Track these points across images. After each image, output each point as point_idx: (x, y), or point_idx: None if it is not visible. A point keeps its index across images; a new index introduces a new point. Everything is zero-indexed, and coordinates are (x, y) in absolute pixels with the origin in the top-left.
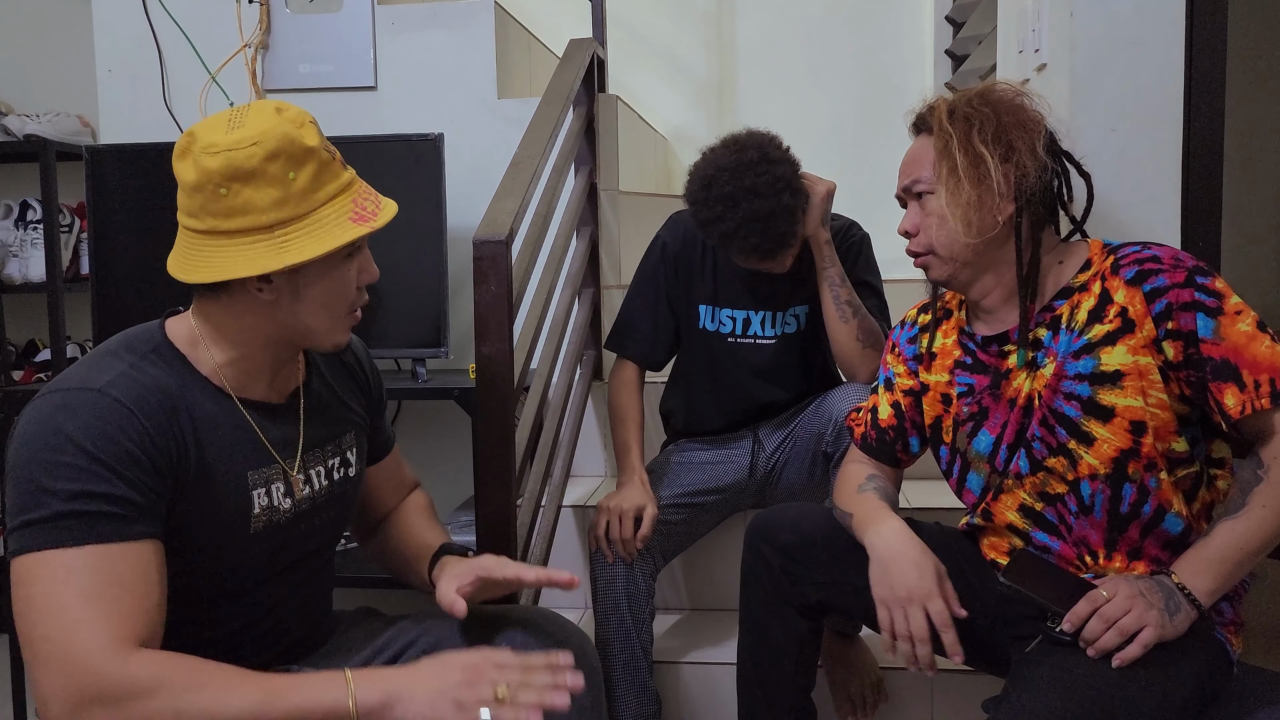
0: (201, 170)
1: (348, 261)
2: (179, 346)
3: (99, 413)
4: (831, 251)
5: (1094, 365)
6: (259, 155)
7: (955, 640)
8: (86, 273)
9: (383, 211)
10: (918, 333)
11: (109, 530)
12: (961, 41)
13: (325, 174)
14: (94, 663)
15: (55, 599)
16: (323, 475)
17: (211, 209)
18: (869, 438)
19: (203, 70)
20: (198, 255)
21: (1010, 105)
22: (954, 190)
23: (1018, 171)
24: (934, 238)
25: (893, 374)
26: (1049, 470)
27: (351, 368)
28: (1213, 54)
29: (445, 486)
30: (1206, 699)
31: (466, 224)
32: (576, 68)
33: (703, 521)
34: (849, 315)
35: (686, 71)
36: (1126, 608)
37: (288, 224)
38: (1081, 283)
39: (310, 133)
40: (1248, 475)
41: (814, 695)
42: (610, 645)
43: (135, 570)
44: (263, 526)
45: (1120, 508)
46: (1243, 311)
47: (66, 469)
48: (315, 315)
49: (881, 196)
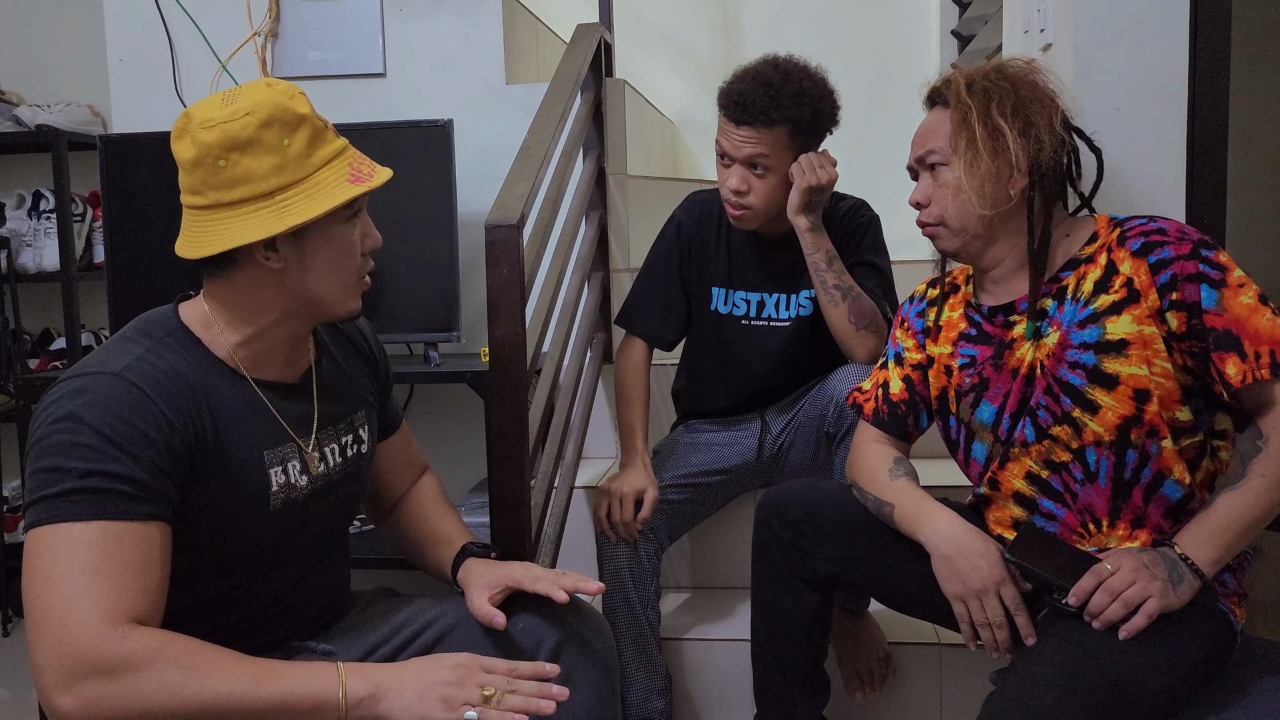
0: (199, 145)
1: (350, 225)
2: (193, 330)
3: (116, 396)
4: (814, 238)
5: (1099, 334)
6: (254, 124)
7: (1028, 621)
8: (99, 261)
9: (378, 173)
10: (925, 306)
11: (117, 507)
12: (967, 22)
13: (319, 140)
14: (89, 634)
15: (59, 570)
16: (336, 452)
17: (213, 182)
18: (881, 412)
19: (213, 59)
20: (203, 231)
21: (1027, 81)
22: (971, 162)
23: (1034, 146)
24: (946, 209)
25: (902, 348)
26: (1054, 438)
27: (359, 347)
28: (1217, 32)
29: (458, 469)
30: (1210, 669)
31: (476, 209)
32: (584, 53)
33: (707, 502)
34: (838, 299)
35: (693, 55)
36: (1130, 580)
37: (287, 189)
38: (1088, 255)
39: (301, 102)
40: (1247, 446)
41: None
42: (617, 623)
43: (138, 549)
44: (281, 504)
45: (1124, 474)
46: (1245, 284)
47: (81, 449)
48: (324, 282)
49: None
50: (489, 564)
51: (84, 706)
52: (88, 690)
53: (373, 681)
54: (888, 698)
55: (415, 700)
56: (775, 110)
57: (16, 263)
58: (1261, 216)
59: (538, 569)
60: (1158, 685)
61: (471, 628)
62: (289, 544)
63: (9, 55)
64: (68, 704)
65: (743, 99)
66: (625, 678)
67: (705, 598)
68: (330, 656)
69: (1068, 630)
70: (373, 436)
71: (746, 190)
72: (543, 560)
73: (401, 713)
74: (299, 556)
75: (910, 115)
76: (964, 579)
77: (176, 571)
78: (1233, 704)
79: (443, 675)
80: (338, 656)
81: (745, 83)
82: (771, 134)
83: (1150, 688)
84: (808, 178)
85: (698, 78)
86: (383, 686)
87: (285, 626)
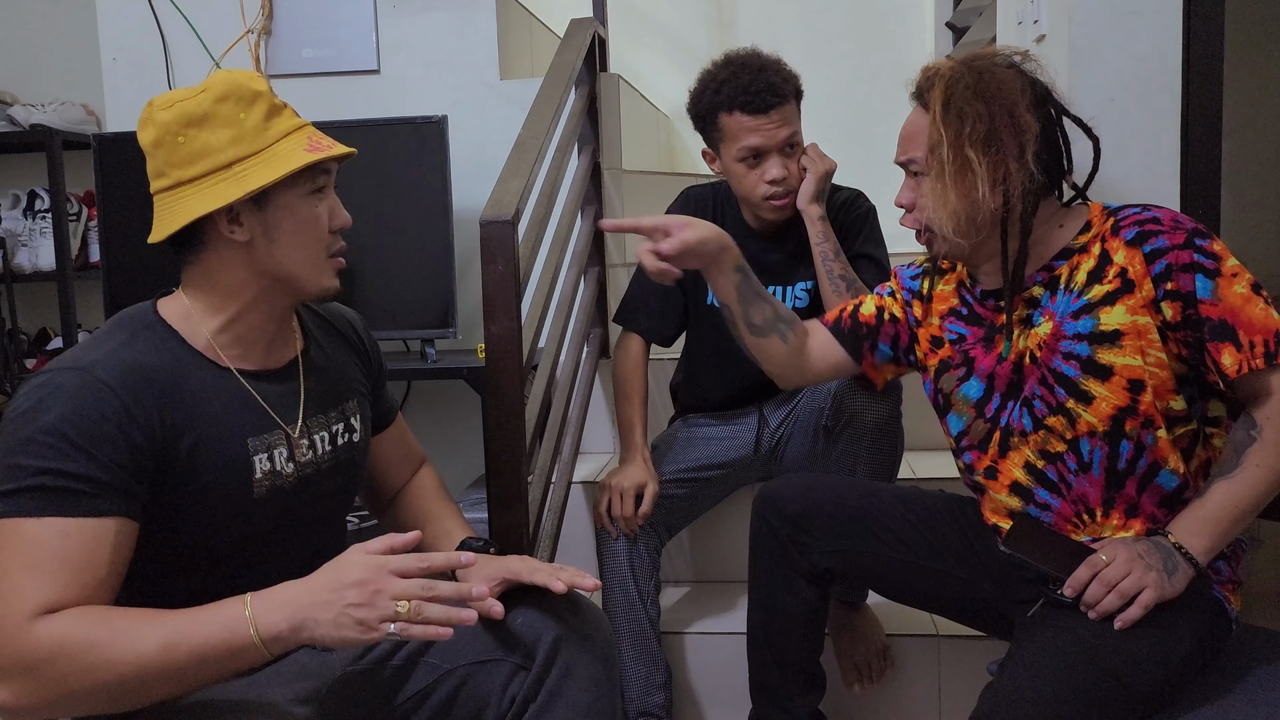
0: (158, 125)
1: (313, 198)
2: (171, 323)
3: (79, 392)
4: (825, 227)
5: (1093, 325)
6: (209, 99)
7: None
8: (95, 260)
9: (337, 145)
10: (919, 273)
11: (70, 505)
12: (962, 13)
13: (276, 114)
14: (9, 630)
15: (4, 564)
16: (326, 440)
17: (173, 160)
18: (841, 322)
19: (207, 57)
20: (168, 211)
21: (1005, 102)
22: (940, 192)
23: (1005, 178)
24: (929, 218)
25: (890, 290)
26: (1049, 429)
27: (349, 337)
28: (1211, 22)
29: (456, 465)
30: (1207, 656)
31: (471, 205)
32: (578, 47)
33: (706, 496)
34: (843, 290)
35: (687, 49)
36: (1126, 571)
37: (245, 159)
38: (1081, 244)
39: (259, 82)
40: (1241, 435)
41: (821, 661)
42: (617, 617)
43: (85, 546)
44: (266, 491)
45: (1118, 465)
46: (1239, 274)
47: (37, 446)
48: (291, 256)
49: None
50: (487, 558)
51: (16, 698)
52: (13, 686)
53: (287, 616)
54: (886, 689)
55: (333, 627)
56: (787, 85)
57: (12, 263)
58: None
59: (535, 562)
60: (1153, 674)
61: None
62: (279, 534)
63: (2, 55)
64: (4, 695)
65: (760, 85)
66: (625, 672)
67: (704, 591)
68: (326, 652)
69: (1063, 621)
70: (366, 427)
71: (786, 176)
72: (541, 555)
73: (324, 638)
74: (291, 549)
75: (904, 106)
76: None
77: (165, 565)
78: (1228, 692)
79: (350, 596)
80: (334, 651)
81: (745, 75)
82: (792, 109)
83: (1146, 677)
84: (822, 164)
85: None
86: (296, 618)
87: None
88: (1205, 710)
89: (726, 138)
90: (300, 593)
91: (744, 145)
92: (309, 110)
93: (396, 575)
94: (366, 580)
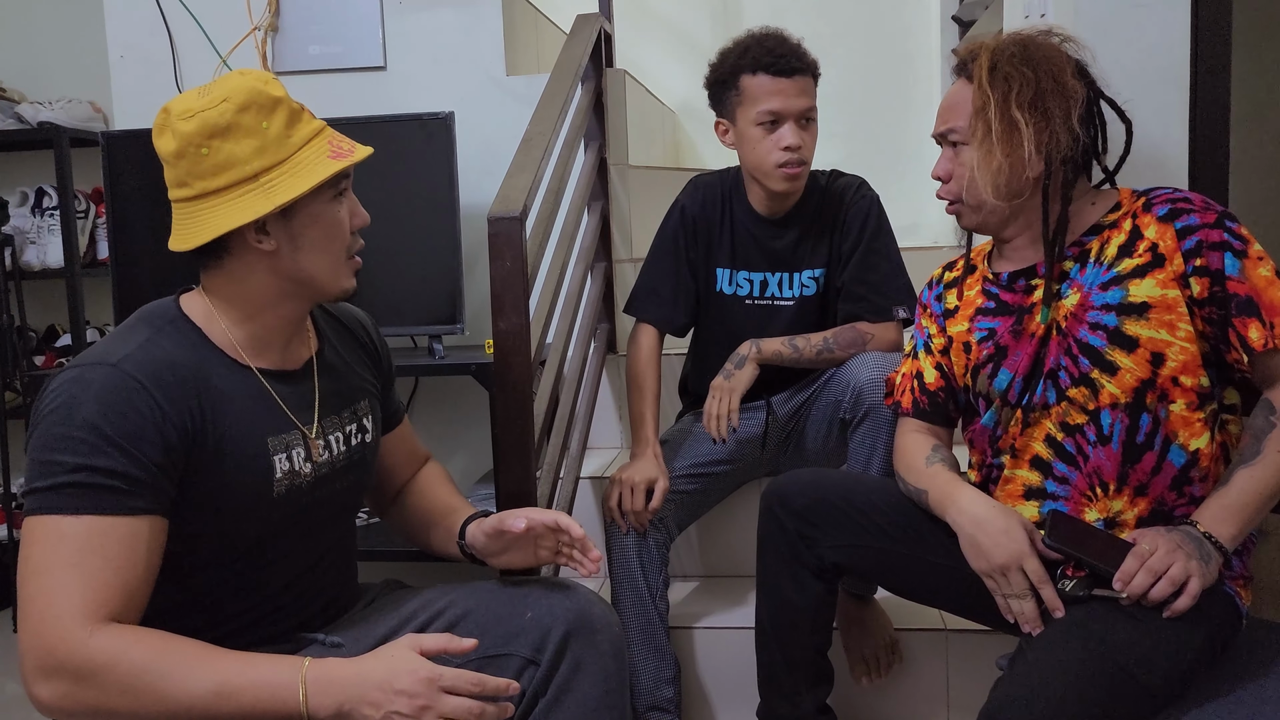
0: (180, 136)
1: (336, 203)
2: (194, 320)
3: (111, 387)
4: (771, 358)
5: (1122, 296)
6: (231, 109)
7: (1054, 594)
8: (103, 258)
9: (358, 149)
10: (944, 290)
11: (106, 502)
12: (968, 7)
13: (296, 120)
14: (60, 632)
15: (45, 561)
16: (341, 441)
17: (197, 171)
18: (920, 403)
19: (214, 54)
20: (193, 221)
21: (1051, 68)
22: (986, 154)
23: (1050, 141)
24: (964, 188)
25: (928, 335)
26: (1070, 400)
27: (360, 338)
28: (1218, 14)
29: (464, 461)
30: (1216, 651)
31: (478, 201)
32: (584, 43)
33: (715, 491)
34: (827, 360)
35: (693, 44)
36: (1170, 560)
37: (271, 170)
38: (1111, 220)
39: (276, 86)
40: (1261, 422)
41: (830, 656)
42: (625, 612)
43: (123, 544)
44: (285, 490)
45: (1136, 438)
46: (1264, 258)
47: (74, 442)
48: (316, 261)
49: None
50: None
51: (56, 700)
52: (58, 686)
53: (335, 700)
54: (894, 684)
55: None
56: (807, 57)
57: (21, 260)
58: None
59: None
60: (1165, 670)
61: (480, 617)
62: (294, 532)
63: (10, 53)
64: (44, 694)
65: (785, 50)
66: (634, 666)
67: (713, 586)
68: (339, 649)
69: (1075, 616)
70: (377, 426)
71: (800, 145)
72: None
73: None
74: (304, 545)
75: (911, 100)
76: (987, 555)
77: (182, 562)
78: (1238, 686)
79: (399, 704)
80: (346, 648)
81: (770, 41)
82: (811, 84)
83: (1157, 672)
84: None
85: (698, 67)
86: (345, 707)
87: (292, 618)
88: (1216, 704)
89: (746, 100)
90: (353, 680)
91: (764, 108)
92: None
93: (447, 692)
94: (417, 694)
